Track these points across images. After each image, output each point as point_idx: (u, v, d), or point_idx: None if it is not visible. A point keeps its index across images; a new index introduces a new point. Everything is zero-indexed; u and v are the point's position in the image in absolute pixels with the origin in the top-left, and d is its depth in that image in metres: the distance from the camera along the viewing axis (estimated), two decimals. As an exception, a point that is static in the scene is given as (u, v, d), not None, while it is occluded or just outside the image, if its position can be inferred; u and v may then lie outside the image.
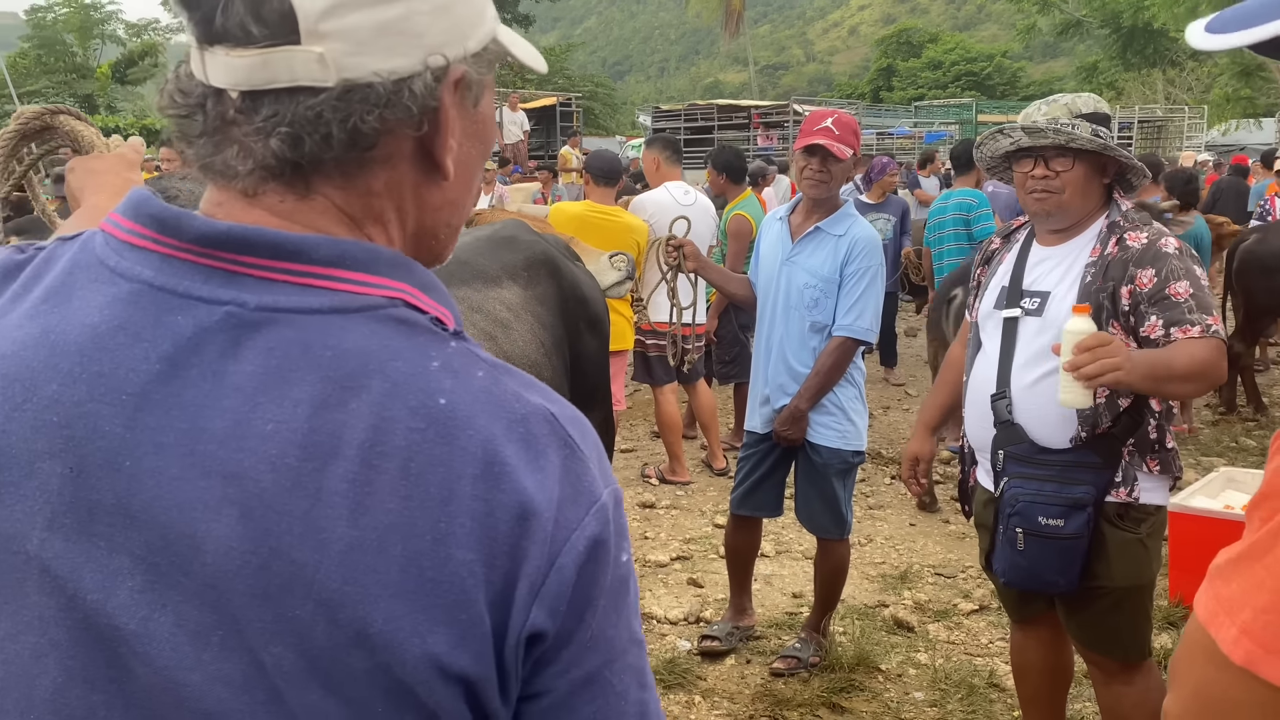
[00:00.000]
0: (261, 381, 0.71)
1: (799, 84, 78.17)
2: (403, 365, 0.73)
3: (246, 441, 0.70)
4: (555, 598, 0.72)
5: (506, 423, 0.73)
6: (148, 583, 0.70)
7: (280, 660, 0.69)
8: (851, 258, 3.41)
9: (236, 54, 0.73)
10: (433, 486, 0.70)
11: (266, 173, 0.75)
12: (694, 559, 4.74)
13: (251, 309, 0.72)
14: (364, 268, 0.75)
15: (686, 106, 21.86)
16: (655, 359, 5.69)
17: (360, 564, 0.69)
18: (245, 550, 0.69)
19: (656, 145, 5.77)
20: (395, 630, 0.69)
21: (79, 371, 0.72)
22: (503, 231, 3.33)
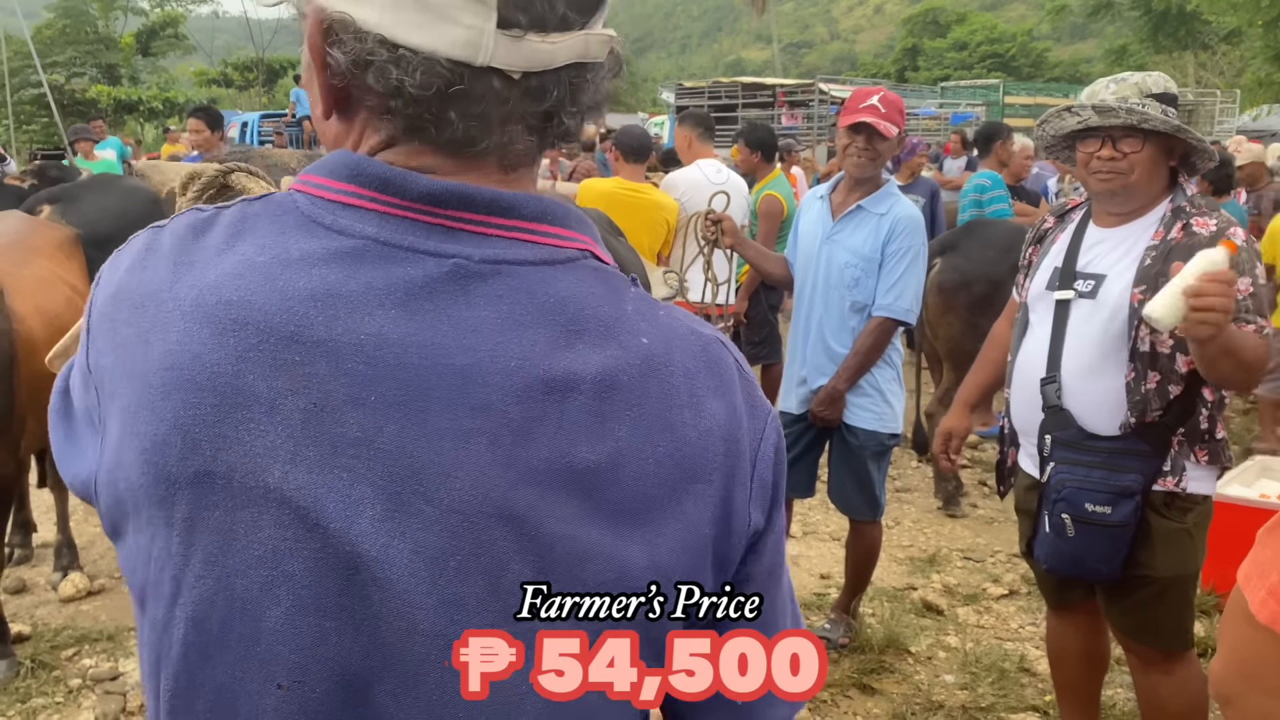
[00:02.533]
0: (498, 324, 0.76)
1: (822, 63, 77.54)
2: (609, 310, 0.80)
3: (493, 377, 0.75)
4: (762, 499, 0.85)
5: (695, 354, 0.83)
6: (388, 511, 0.74)
7: (517, 578, 0.75)
8: (894, 236, 3.36)
9: (550, 40, 0.78)
10: (652, 416, 0.79)
11: (539, 146, 0.83)
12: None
13: (476, 261, 0.78)
14: (561, 223, 0.82)
15: (710, 84, 21.67)
16: (682, 337, 5.67)
17: (593, 485, 0.77)
18: (494, 475, 0.75)
19: (689, 122, 5.71)
20: (625, 544, 0.78)
21: (314, 315, 0.75)
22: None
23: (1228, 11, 22.16)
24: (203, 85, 35.33)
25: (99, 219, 4.36)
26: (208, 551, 0.75)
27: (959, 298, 5.15)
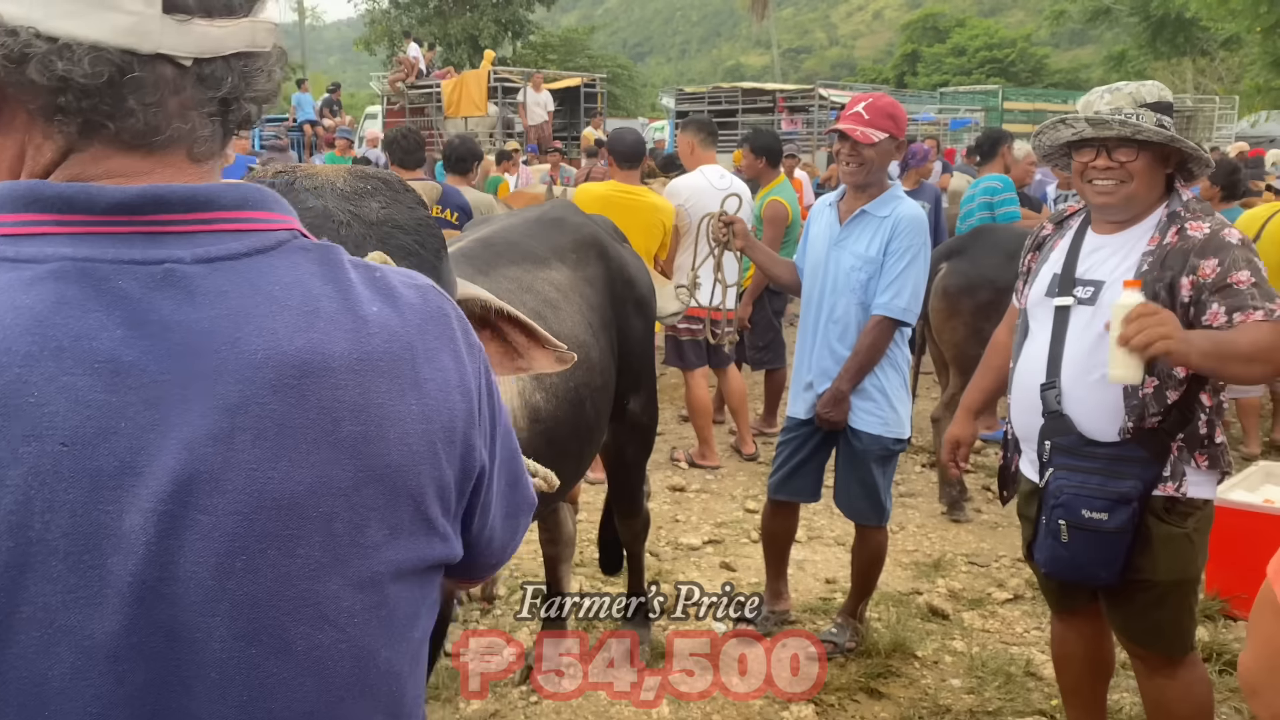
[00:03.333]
0: (231, 320, 0.76)
1: (821, 68, 77.65)
2: (333, 287, 0.82)
3: (242, 372, 0.76)
4: (487, 436, 0.91)
5: (419, 309, 0.86)
6: (162, 531, 0.73)
7: (306, 561, 0.78)
8: (895, 236, 3.39)
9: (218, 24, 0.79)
10: (402, 379, 0.83)
11: (223, 133, 0.84)
12: (726, 543, 4.76)
13: (189, 262, 0.77)
14: (260, 206, 0.83)
15: (710, 89, 21.69)
16: (687, 343, 5.70)
17: (366, 452, 0.80)
18: (265, 468, 0.76)
19: (692, 128, 5.75)
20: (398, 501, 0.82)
21: (37, 350, 0.71)
22: (551, 213, 3.34)
23: (1226, 18, 22.22)
24: (203, 88, 35.30)
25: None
26: None
27: (964, 302, 5.19)
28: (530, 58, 31.37)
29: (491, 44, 28.99)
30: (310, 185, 1.56)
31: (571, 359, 1.90)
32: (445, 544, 0.88)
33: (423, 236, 1.59)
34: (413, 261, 1.56)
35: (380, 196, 1.59)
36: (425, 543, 0.86)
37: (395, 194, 1.62)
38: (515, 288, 2.75)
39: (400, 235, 1.56)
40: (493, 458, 0.93)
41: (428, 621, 0.91)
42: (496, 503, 0.98)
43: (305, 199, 1.53)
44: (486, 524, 0.97)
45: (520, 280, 2.81)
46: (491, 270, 2.71)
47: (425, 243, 1.59)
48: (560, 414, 2.69)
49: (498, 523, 0.99)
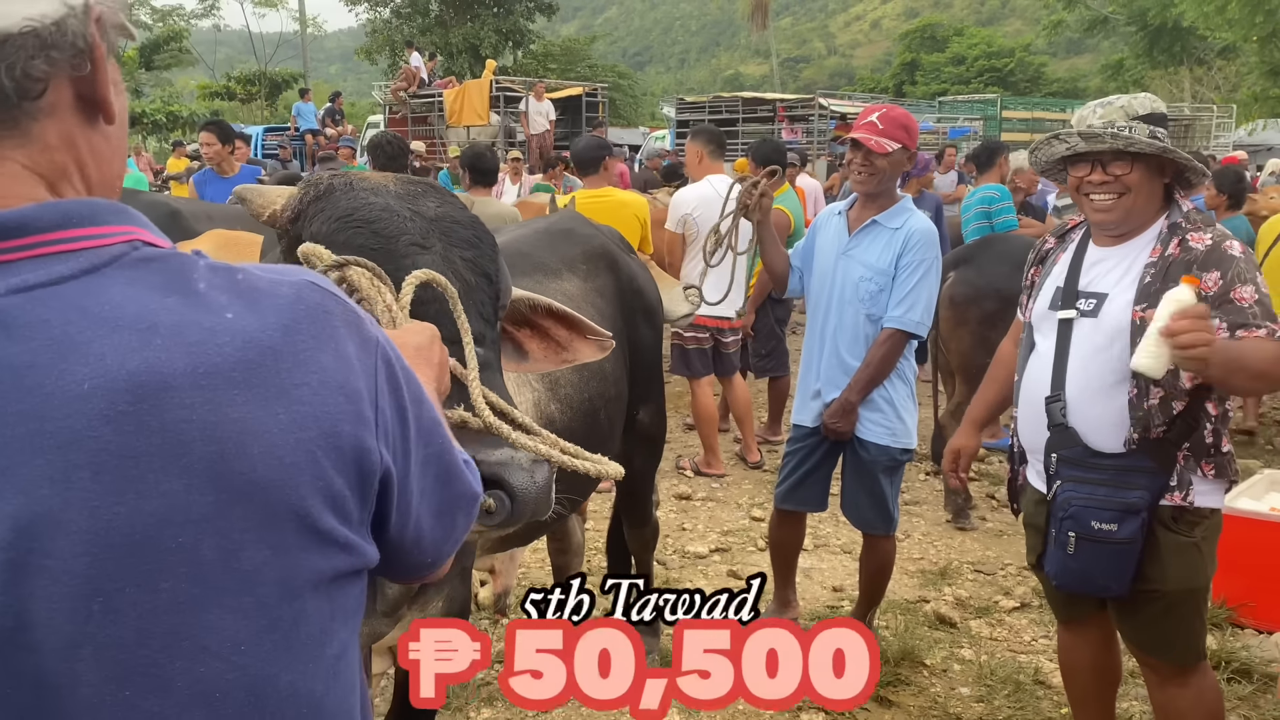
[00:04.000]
0: (54, 352, 0.71)
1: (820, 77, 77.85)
2: (177, 299, 0.76)
3: (68, 406, 0.71)
4: (388, 436, 0.85)
5: (288, 309, 0.79)
6: (10, 581, 0.70)
7: (173, 595, 0.73)
8: (907, 249, 3.41)
9: None
10: (263, 387, 0.76)
11: None
12: (733, 551, 4.77)
13: (3, 295, 0.72)
14: (90, 222, 0.77)
15: (711, 98, 21.75)
16: (693, 351, 5.72)
17: (226, 473, 0.74)
18: (110, 504, 0.71)
19: (701, 138, 5.78)
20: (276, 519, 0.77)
21: None
22: (560, 224, 3.36)
23: (1223, 27, 22.28)
24: (206, 98, 35.38)
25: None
26: None
27: (971, 312, 5.21)
28: (531, 67, 31.44)
29: (493, 53, 29.06)
30: (369, 186, 1.61)
31: (612, 343, 1.95)
32: (348, 554, 0.83)
33: (479, 231, 1.64)
34: (476, 251, 1.61)
35: (433, 197, 1.65)
36: (320, 555, 0.80)
37: (445, 196, 1.68)
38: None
39: (460, 229, 1.61)
40: (405, 456, 0.87)
41: (346, 634, 0.86)
42: (420, 502, 0.92)
43: (367, 197, 1.57)
44: (408, 525, 0.91)
45: (533, 290, 2.82)
46: (505, 281, 2.74)
47: (483, 237, 1.64)
48: (575, 425, 2.70)
49: (425, 522, 0.93)
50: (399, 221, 1.55)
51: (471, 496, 1.02)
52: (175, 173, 12.27)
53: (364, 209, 1.56)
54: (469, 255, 1.59)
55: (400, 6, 34.00)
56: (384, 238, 1.52)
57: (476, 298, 1.56)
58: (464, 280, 1.55)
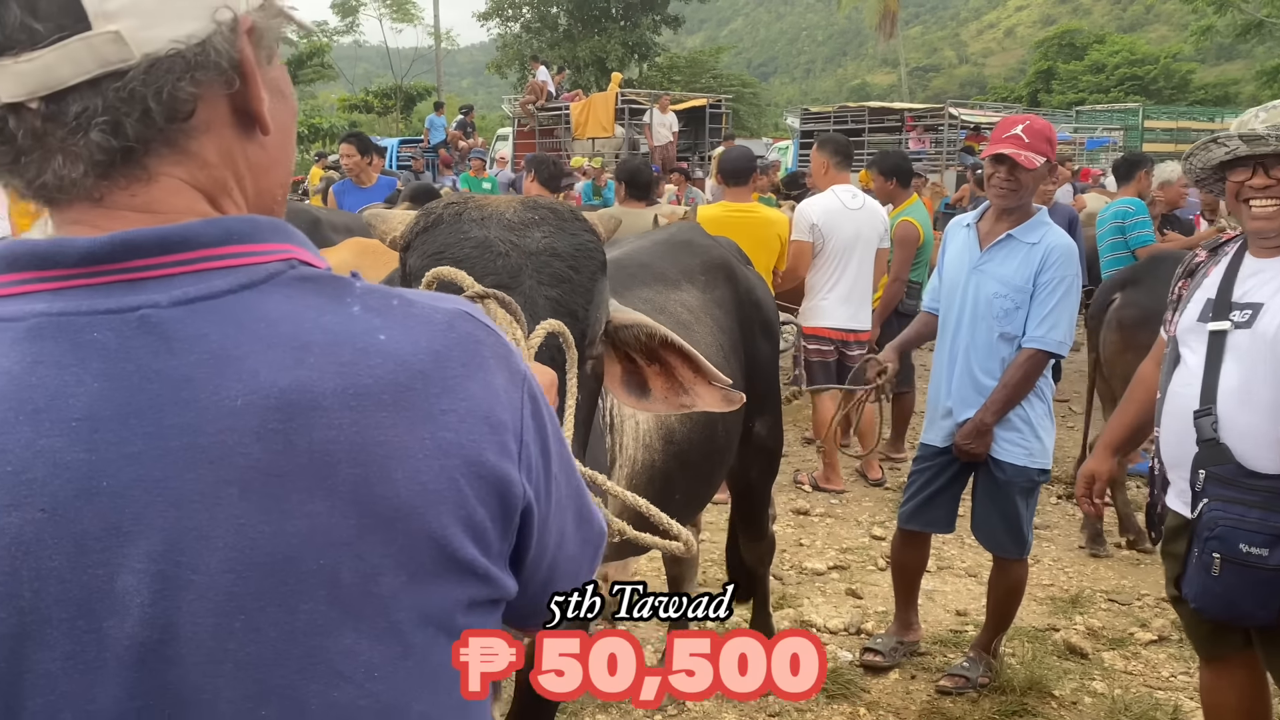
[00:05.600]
0: (210, 366, 0.72)
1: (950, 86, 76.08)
2: (332, 318, 0.76)
3: (221, 422, 0.71)
4: (530, 471, 0.83)
5: (440, 336, 0.79)
6: (156, 593, 0.70)
7: (310, 616, 0.72)
8: (1046, 266, 3.29)
9: (26, 59, 0.71)
10: (410, 411, 0.75)
11: (101, 169, 0.75)
12: (851, 569, 4.68)
13: (166, 306, 0.73)
14: (250, 239, 0.78)
15: (836, 108, 21.49)
16: (815, 364, 5.64)
17: (369, 496, 0.73)
18: (256, 522, 0.71)
19: (827, 148, 5.70)
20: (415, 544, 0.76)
21: (12, 416, 0.71)
22: (679, 235, 3.36)
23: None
24: (345, 111, 36.87)
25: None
26: None
27: (1140, 336, 4.92)
28: (656, 79, 31.70)
29: (619, 66, 29.44)
30: (477, 216, 1.61)
31: (740, 400, 1.88)
32: (485, 584, 0.82)
33: (578, 262, 1.63)
34: (565, 287, 1.60)
35: (546, 226, 1.64)
36: (458, 584, 0.79)
37: (561, 223, 1.66)
38: (649, 309, 2.77)
39: (555, 263, 1.60)
40: (547, 494, 0.86)
41: None
42: (557, 542, 0.91)
43: (469, 229, 1.59)
44: (542, 563, 0.90)
45: (653, 302, 2.83)
46: (626, 292, 2.74)
47: (580, 267, 1.62)
48: (694, 436, 2.69)
49: (560, 564, 0.92)
50: (489, 259, 1.56)
51: (601, 537, 1.01)
52: (315, 184, 12.78)
53: (458, 245, 1.58)
54: (554, 294, 1.59)
55: (530, 21, 34.78)
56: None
57: (553, 341, 1.56)
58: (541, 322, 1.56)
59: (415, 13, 41.75)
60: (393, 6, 41.45)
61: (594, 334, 1.68)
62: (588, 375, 1.69)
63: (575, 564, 0.96)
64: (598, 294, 1.67)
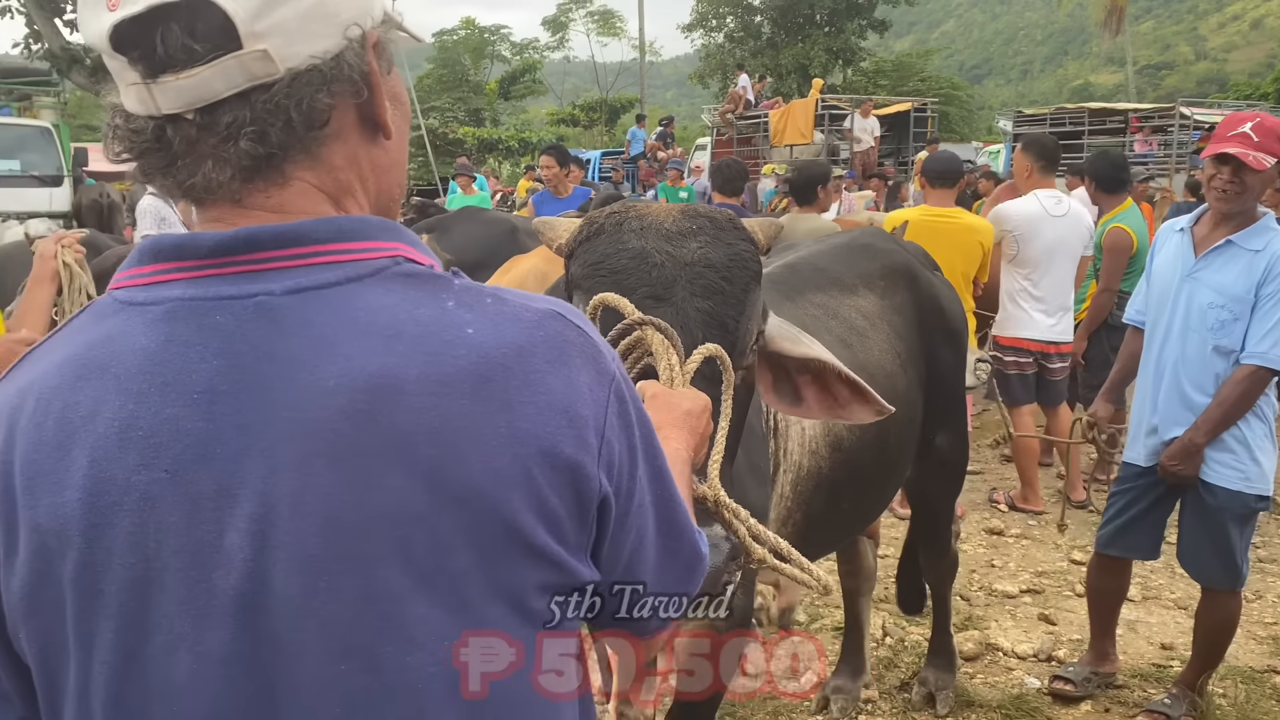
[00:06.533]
0: (312, 348, 0.79)
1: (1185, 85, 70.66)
2: (426, 311, 0.82)
3: (316, 399, 0.78)
4: (610, 467, 0.86)
5: (528, 332, 0.84)
6: (255, 550, 0.78)
7: (385, 583, 0.78)
8: (1271, 275, 3.00)
9: (185, 75, 0.79)
10: (488, 399, 0.80)
11: (246, 174, 0.84)
12: (1046, 593, 4.43)
13: (279, 295, 0.81)
14: (360, 236, 0.85)
15: (1053, 110, 20.37)
16: (1014, 376, 5.38)
17: (443, 477, 0.79)
18: (340, 492, 0.78)
19: (1031, 151, 5.42)
20: (485, 522, 0.80)
21: (146, 388, 0.79)
22: (859, 239, 3.29)
23: None
24: (553, 125, 38.19)
25: (466, 246, 4.91)
26: (107, 636, 0.80)
27: None
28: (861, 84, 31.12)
29: (821, 72, 29.08)
30: (637, 226, 1.65)
31: (890, 411, 1.87)
32: (559, 571, 0.85)
33: (731, 273, 1.64)
34: (717, 299, 1.61)
35: (703, 236, 1.66)
36: (530, 568, 0.83)
37: (718, 232, 1.67)
38: (822, 314, 2.73)
39: (709, 274, 1.62)
40: (629, 494, 0.89)
41: (554, 646, 0.88)
42: (634, 546, 0.93)
43: (627, 240, 1.63)
44: (618, 562, 0.92)
45: (827, 306, 2.78)
46: (798, 296, 2.71)
47: (733, 278, 1.63)
48: (863, 444, 2.63)
49: (636, 568, 0.95)
50: (644, 270, 1.59)
51: (697, 558, 1.02)
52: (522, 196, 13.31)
53: (615, 256, 1.62)
54: (706, 305, 1.59)
55: (733, 31, 34.90)
56: (623, 289, 1.57)
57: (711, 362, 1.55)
58: (693, 335, 1.55)
59: (621, 26, 42.79)
60: (599, 21, 42.63)
61: (745, 345, 1.68)
62: (737, 387, 1.69)
63: (657, 573, 0.97)
64: (750, 305, 1.67)
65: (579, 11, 42.75)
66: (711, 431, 1.34)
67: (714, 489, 1.39)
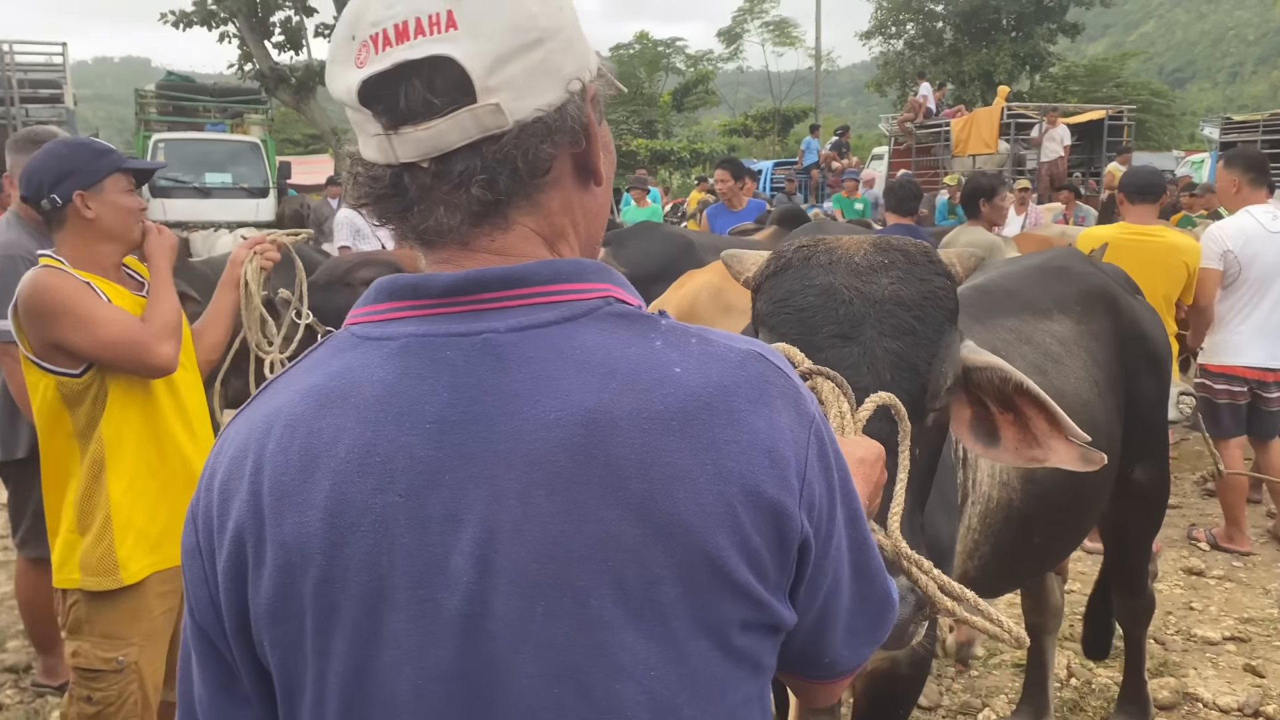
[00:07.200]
0: (533, 384, 0.83)
1: None
2: (636, 350, 0.86)
3: (537, 432, 0.82)
4: (811, 509, 0.87)
5: (731, 372, 0.86)
6: (479, 574, 0.81)
7: (598, 612, 0.81)
8: None
9: (424, 127, 0.85)
10: (695, 438, 0.83)
11: (474, 219, 0.89)
12: (1253, 642, 4.09)
13: (503, 332, 0.85)
14: (575, 279, 0.89)
15: (1266, 116, 18.86)
16: (1224, 406, 5.01)
17: (653, 511, 0.81)
18: (558, 522, 0.81)
19: (1238, 164, 5.05)
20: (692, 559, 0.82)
21: (383, 417, 0.85)
22: (1054, 261, 3.13)
23: None
24: (725, 135, 38.29)
25: (642, 260, 4.96)
26: (341, 649, 0.84)
27: None
28: (1049, 91, 29.80)
29: (1007, 79, 28.01)
30: (825, 261, 1.61)
31: (1100, 460, 1.72)
32: (761, 609, 0.87)
33: (924, 311, 1.57)
34: (907, 340, 1.55)
35: (895, 271, 1.60)
36: (732, 604, 0.85)
37: (912, 267, 1.61)
38: (1013, 339, 2.62)
39: (900, 313, 1.56)
40: (827, 536, 0.90)
41: (752, 687, 0.89)
42: (830, 589, 0.93)
43: (815, 275, 1.59)
44: (813, 604, 0.92)
45: (1019, 331, 2.67)
46: (988, 320, 2.61)
47: (926, 317, 1.57)
48: (1058, 476, 2.49)
49: (831, 613, 0.95)
50: (831, 308, 1.54)
51: (889, 603, 1.02)
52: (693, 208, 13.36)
53: (801, 294, 1.58)
54: (896, 346, 1.53)
55: (913, 38, 34.06)
56: (808, 328, 1.54)
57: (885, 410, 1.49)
58: (880, 377, 1.50)
59: (797, 35, 42.45)
60: (775, 31, 42.44)
61: (937, 388, 1.61)
62: (928, 428, 1.62)
63: (850, 619, 0.97)
64: (944, 346, 1.60)
65: (754, 22, 42.71)
66: (886, 480, 1.29)
67: (894, 540, 1.34)
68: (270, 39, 22.80)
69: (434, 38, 0.84)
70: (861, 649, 1.01)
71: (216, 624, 0.91)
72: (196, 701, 0.96)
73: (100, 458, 2.42)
